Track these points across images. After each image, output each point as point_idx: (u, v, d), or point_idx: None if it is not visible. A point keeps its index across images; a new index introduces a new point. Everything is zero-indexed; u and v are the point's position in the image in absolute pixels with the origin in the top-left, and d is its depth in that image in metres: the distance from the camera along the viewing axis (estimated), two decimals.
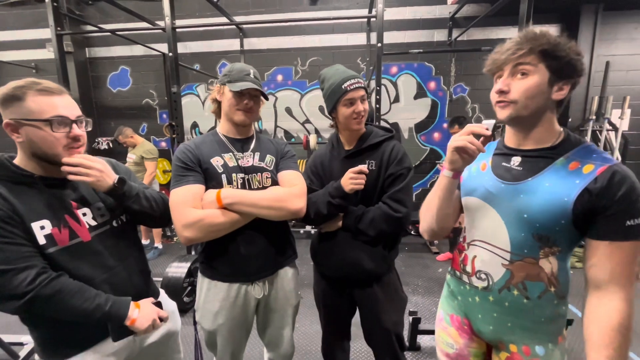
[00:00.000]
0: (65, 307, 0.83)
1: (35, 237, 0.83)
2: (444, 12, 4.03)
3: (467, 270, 0.92)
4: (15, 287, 0.78)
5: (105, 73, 4.64)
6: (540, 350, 0.83)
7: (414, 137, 4.37)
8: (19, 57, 4.56)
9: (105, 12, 4.44)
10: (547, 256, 0.78)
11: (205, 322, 1.20)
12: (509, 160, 0.85)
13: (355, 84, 1.16)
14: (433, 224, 0.95)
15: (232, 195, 1.08)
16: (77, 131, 0.89)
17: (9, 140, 0.86)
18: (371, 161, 1.21)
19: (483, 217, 0.87)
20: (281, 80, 4.44)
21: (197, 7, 4.24)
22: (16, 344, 1.96)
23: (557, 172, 0.76)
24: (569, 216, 0.73)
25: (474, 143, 0.77)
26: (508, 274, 0.83)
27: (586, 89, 3.85)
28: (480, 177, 0.89)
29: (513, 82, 0.77)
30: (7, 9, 4.49)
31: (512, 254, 0.82)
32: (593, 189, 0.70)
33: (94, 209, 0.98)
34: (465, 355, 0.97)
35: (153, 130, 4.72)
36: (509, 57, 0.76)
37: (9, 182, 0.85)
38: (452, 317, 1.00)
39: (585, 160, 0.74)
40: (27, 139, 0.84)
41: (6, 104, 0.83)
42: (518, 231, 0.80)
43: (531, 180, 0.79)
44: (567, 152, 0.78)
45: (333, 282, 1.32)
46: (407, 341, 2.13)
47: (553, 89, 0.75)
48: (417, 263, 3.48)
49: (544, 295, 0.81)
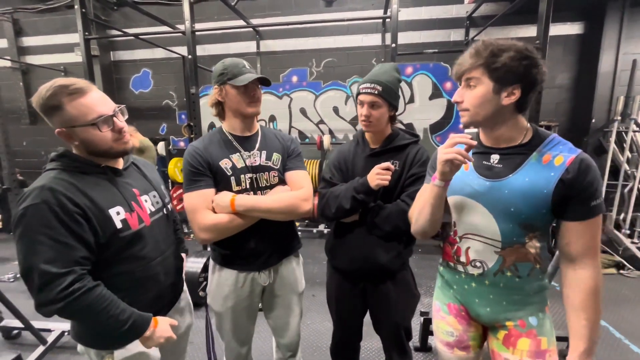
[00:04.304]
0: (91, 320, 0.87)
1: (114, 222, 0.91)
2: (461, 12, 3.97)
3: (462, 260, 1.00)
4: (50, 291, 0.80)
5: (128, 75, 4.84)
6: (534, 321, 0.94)
7: (429, 138, 4.32)
8: (50, 61, 4.82)
9: (129, 17, 4.63)
10: (531, 240, 0.89)
11: (215, 304, 1.29)
12: (488, 159, 0.94)
13: (367, 88, 1.19)
14: (426, 227, 1.01)
15: (246, 203, 1.14)
16: (120, 123, 0.96)
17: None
18: (395, 161, 1.24)
19: (472, 213, 0.95)
20: (296, 82, 4.50)
21: (215, 11, 4.36)
22: (45, 330, 2.08)
23: (533, 167, 0.86)
24: (549, 205, 0.84)
25: (462, 154, 0.83)
26: (501, 260, 0.92)
27: (611, 89, 3.70)
28: (464, 177, 0.96)
29: (466, 93, 0.88)
30: (39, 15, 4.76)
31: (502, 243, 0.91)
32: (566, 179, 0.81)
33: (150, 197, 1.07)
34: (465, 340, 1.04)
35: (172, 131, 4.88)
36: (459, 70, 0.88)
37: (79, 172, 0.91)
38: (449, 305, 1.07)
39: (554, 153, 0.85)
40: (81, 142, 0.91)
41: (49, 114, 0.88)
42: (506, 223, 0.89)
43: (512, 176, 0.88)
44: (538, 146, 0.87)
45: (346, 275, 1.34)
46: (418, 342, 2.12)
47: (501, 96, 0.84)
48: (430, 265, 3.45)
49: (532, 272, 0.92)
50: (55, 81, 0.87)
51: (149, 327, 0.95)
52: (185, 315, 1.22)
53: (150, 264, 1.01)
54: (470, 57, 0.85)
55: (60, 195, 0.83)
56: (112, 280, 0.92)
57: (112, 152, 0.96)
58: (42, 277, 0.80)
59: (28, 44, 4.90)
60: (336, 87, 4.41)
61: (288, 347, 1.40)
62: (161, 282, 1.05)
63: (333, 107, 4.45)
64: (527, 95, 0.84)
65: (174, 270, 1.13)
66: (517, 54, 0.80)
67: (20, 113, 4.99)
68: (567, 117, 4.01)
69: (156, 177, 1.17)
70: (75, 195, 0.85)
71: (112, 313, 0.87)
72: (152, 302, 1.02)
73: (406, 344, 1.35)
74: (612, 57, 3.64)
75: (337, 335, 1.47)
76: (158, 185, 1.14)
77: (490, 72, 0.83)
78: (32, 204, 0.81)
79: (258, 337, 2.10)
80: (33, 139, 5.04)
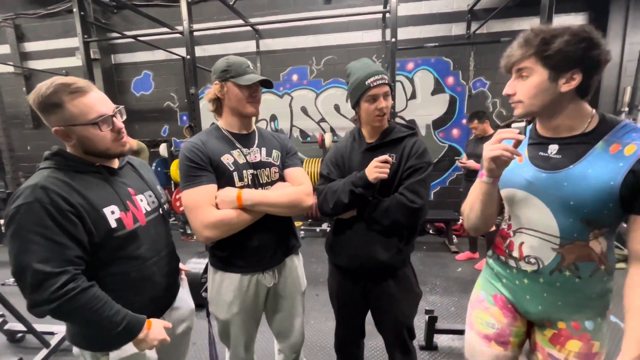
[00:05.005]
0: (84, 321, 0.86)
1: (108, 221, 0.89)
2: (462, 5, 3.92)
3: (514, 255, 0.94)
4: (43, 291, 0.78)
5: (129, 78, 4.85)
6: (590, 325, 0.86)
7: (431, 134, 4.28)
8: (52, 65, 4.85)
9: (129, 19, 4.64)
10: (596, 237, 0.82)
11: (219, 312, 1.24)
12: (545, 149, 0.87)
13: (379, 80, 1.15)
14: (478, 224, 0.99)
15: (253, 197, 1.12)
16: (119, 123, 0.95)
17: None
18: (392, 154, 1.21)
19: (527, 207, 0.89)
20: (296, 80, 4.48)
21: (214, 11, 4.36)
22: (48, 333, 2.08)
23: (599, 157, 0.79)
24: (616, 199, 0.76)
25: (508, 150, 0.79)
26: (559, 257, 0.85)
27: (617, 79, 3.62)
28: (518, 169, 0.91)
29: (518, 84, 0.83)
30: (39, 21, 4.79)
31: (561, 239, 0.84)
32: (637, 170, 0.74)
33: (146, 196, 1.06)
34: (507, 335, 0.99)
35: (174, 132, 4.88)
36: (509, 62, 0.83)
37: (72, 171, 0.89)
38: (495, 297, 1.02)
39: (625, 142, 0.77)
40: (78, 141, 0.90)
41: (48, 112, 0.85)
42: (566, 218, 0.82)
43: (573, 167, 0.81)
44: (605, 134, 0.79)
45: (347, 273, 1.32)
46: (423, 340, 2.09)
47: (559, 83, 0.78)
48: (435, 262, 3.40)
49: (595, 273, 0.84)
50: (55, 79, 0.86)
51: (142, 329, 0.93)
52: (184, 317, 1.19)
53: (146, 264, 0.99)
54: (519, 47, 0.81)
55: (54, 194, 0.81)
56: (106, 280, 0.90)
57: (109, 153, 0.94)
58: (35, 277, 0.78)
59: (30, 49, 4.94)
60: (337, 84, 4.38)
61: (292, 349, 1.38)
62: (157, 283, 1.03)
63: (334, 105, 4.43)
64: (589, 80, 0.78)
65: (170, 270, 1.11)
66: (572, 37, 0.75)
67: (23, 118, 5.03)
68: None
69: (152, 177, 1.15)
70: (69, 194, 0.84)
71: (106, 314, 0.85)
72: (147, 303, 1.00)
73: (409, 343, 1.32)
74: (618, 48, 3.57)
75: (340, 332, 1.46)
76: (154, 185, 1.12)
77: (543, 60, 0.78)
78: (25, 202, 0.79)
79: (261, 337, 2.08)
80: (37, 143, 5.08)
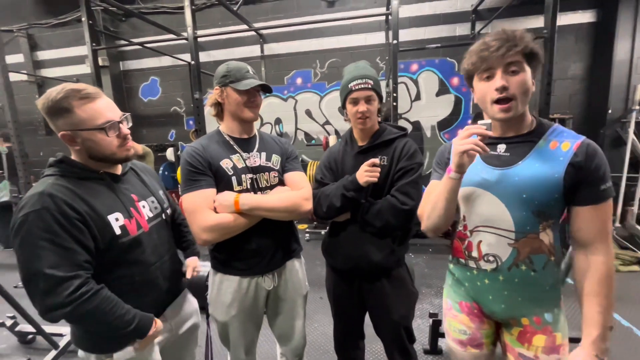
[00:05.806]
0: (98, 322, 0.87)
1: (113, 228, 0.91)
2: (466, 5, 3.89)
3: (473, 255, 0.97)
4: (56, 296, 0.79)
5: (137, 84, 4.96)
6: (549, 317, 0.91)
7: (436, 135, 4.25)
8: (63, 73, 4.99)
9: (137, 27, 4.75)
10: (545, 229, 0.88)
11: (218, 314, 1.25)
12: (495, 149, 0.93)
13: (361, 84, 1.17)
14: (440, 223, 0.99)
15: (250, 202, 1.13)
16: (125, 130, 0.97)
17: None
18: (383, 157, 1.23)
19: (483, 204, 0.93)
20: (301, 83, 4.50)
21: (219, 17, 4.42)
22: (56, 334, 2.12)
23: (543, 153, 0.86)
24: (561, 189, 0.83)
25: (479, 145, 0.82)
26: (515, 252, 0.90)
27: (628, 77, 3.54)
28: (473, 168, 0.93)
29: (509, 79, 0.83)
30: (51, 30, 4.94)
31: (516, 233, 0.89)
32: (575, 163, 0.82)
33: (149, 202, 1.07)
34: (478, 338, 1.02)
35: (180, 137, 4.96)
36: (502, 55, 0.81)
37: (75, 178, 0.91)
38: (460, 304, 1.05)
39: (561, 139, 0.86)
40: (84, 146, 0.91)
41: (56, 116, 0.87)
42: (519, 211, 0.87)
43: (522, 163, 0.88)
44: (544, 134, 0.88)
45: (342, 274, 1.34)
46: (428, 344, 2.06)
47: (533, 82, 0.85)
48: (441, 265, 3.36)
49: (547, 265, 0.90)
50: (65, 85, 0.88)
51: (152, 326, 0.96)
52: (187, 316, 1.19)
53: (149, 269, 1.01)
54: (502, 42, 0.80)
55: (60, 202, 0.83)
56: (111, 285, 0.91)
57: (114, 158, 0.96)
58: (47, 282, 0.79)
59: (42, 57, 5.09)
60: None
61: (294, 352, 1.37)
62: (159, 286, 1.05)
63: (338, 107, 4.43)
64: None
65: (172, 274, 1.12)
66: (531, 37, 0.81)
67: (37, 124, 5.18)
68: (582, 109, 3.85)
69: (154, 182, 1.17)
70: (75, 202, 0.85)
71: (118, 314, 0.88)
72: (150, 306, 1.02)
73: (408, 345, 1.31)
74: (628, 45, 3.48)
75: (337, 333, 1.47)
76: (156, 190, 1.14)
77: (530, 58, 0.82)
78: (33, 210, 0.81)
79: (264, 340, 2.09)
80: (50, 149, 5.22)
